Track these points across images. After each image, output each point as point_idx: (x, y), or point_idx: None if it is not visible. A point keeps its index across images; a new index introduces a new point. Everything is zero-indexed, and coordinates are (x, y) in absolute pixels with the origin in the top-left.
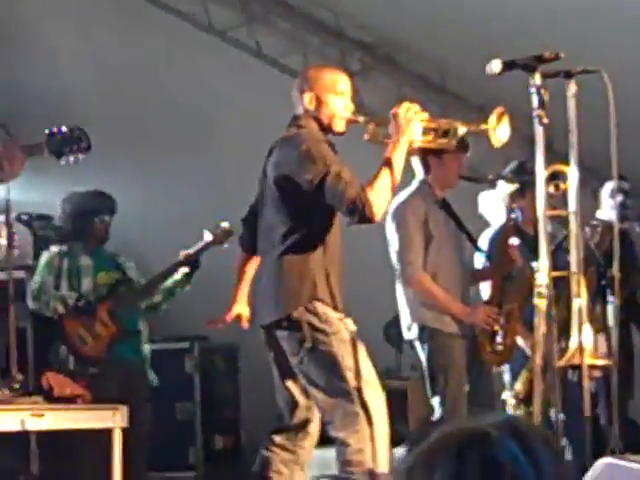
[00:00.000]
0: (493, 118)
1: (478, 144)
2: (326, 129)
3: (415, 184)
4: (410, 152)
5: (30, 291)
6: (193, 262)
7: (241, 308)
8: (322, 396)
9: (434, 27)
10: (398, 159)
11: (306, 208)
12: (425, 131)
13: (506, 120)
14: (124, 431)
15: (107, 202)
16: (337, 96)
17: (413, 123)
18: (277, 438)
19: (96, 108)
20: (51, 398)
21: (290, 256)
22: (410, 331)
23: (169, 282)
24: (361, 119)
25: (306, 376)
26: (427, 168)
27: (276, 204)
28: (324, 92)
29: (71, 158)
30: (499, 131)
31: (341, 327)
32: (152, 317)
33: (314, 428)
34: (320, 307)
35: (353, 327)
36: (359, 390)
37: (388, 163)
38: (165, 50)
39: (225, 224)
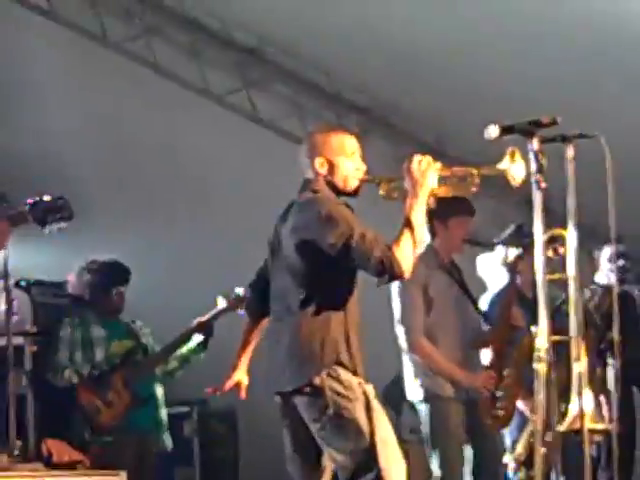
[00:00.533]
0: (507, 158)
1: (476, 208)
2: (340, 192)
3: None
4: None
5: (50, 368)
6: (207, 329)
7: (241, 375)
8: (344, 462)
9: (430, 90)
10: (419, 213)
11: (326, 272)
12: (441, 180)
13: (519, 158)
14: None
15: (123, 273)
16: (348, 158)
17: (428, 174)
18: None
19: (93, 174)
20: (51, 464)
21: (310, 321)
22: (412, 393)
23: (184, 350)
24: (375, 178)
25: (327, 442)
26: (433, 233)
27: (292, 269)
28: (334, 155)
29: (54, 227)
30: (515, 170)
31: (362, 393)
32: (167, 383)
33: None
34: (342, 373)
35: (373, 392)
36: (380, 457)
37: (409, 219)
38: (162, 114)
39: (239, 290)
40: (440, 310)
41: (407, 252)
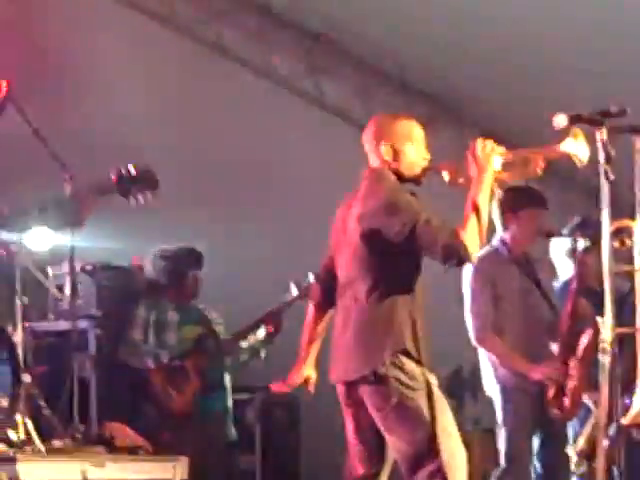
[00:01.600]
0: (570, 139)
1: None
2: (404, 179)
3: (493, 241)
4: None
5: (125, 344)
6: (276, 324)
7: (309, 371)
8: (406, 451)
9: (499, 78)
10: (484, 197)
11: (393, 260)
12: (506, 165)
13: (582, 139)
14: None
15: (198, 257)
16: (414, 145)
17: (492, 158)
18: None
19: (162, 158)
20: (113, 448)
21: (376, 309)
22: (491, 387)
23: (253, 341)
24: (439, 166)
25: (390, 431)
26: (505, 225)
27: (360, 257)
28: (401, 142)
29: (140, 197)
30: (579, 151)
31: (425, 382)
32: (238, 373)
33: None
34: (406, 362)
35: (436, 382)
36: (441, 447)
37: (475, 203)
38: (228, 97)
39: (311, 277)
40: (509, 304)
41: (473, 236)
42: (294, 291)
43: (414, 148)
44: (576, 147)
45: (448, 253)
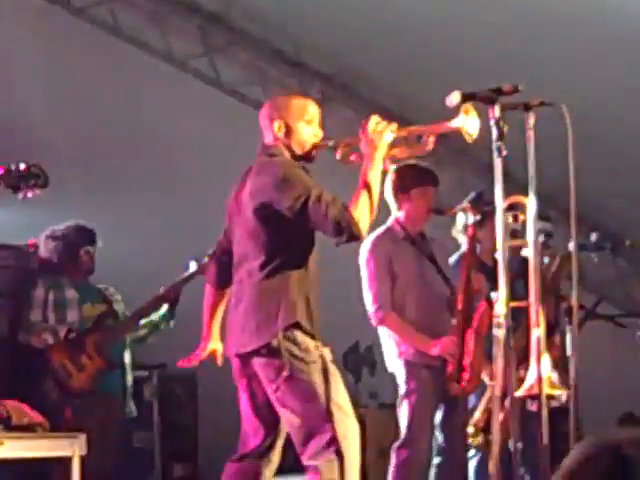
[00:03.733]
0: (461, 115)
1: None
2: (297, 156)
3: (388, 222)
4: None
5: (24, 327)
6: (173, 297)
7: (216, 344)
8: (297, 424)
9: (393, 57)
10: (375, 174)
11: (285, 234)
12: (397, 142)
13: (474, 113)
14: (88, 459)
15: (89, 234)
16: (306, 123)
17: (383, 135)
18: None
19: (59, 144)
20: (10, 426)
21: (269, 283)
22: (393, 363)
23: (154, 316)
24: (331, 143)
25: (282, 403)
26: (397, 205)
27: (253, 233)
28: (293, 120)
29: (29, 193)
30: (469, 125)
31: (319, 355)
32: (136, 348)
33: (276, 456)
34: (299, 335)
35: (330, 356)
36: (334, 420)
37: (366, 180)
38: (125, 79)
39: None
40: (406, 282)
41: (364, 213)
42: (193, 267)
43: (307, 126)
44: (466, 122)
45: (338, 229)
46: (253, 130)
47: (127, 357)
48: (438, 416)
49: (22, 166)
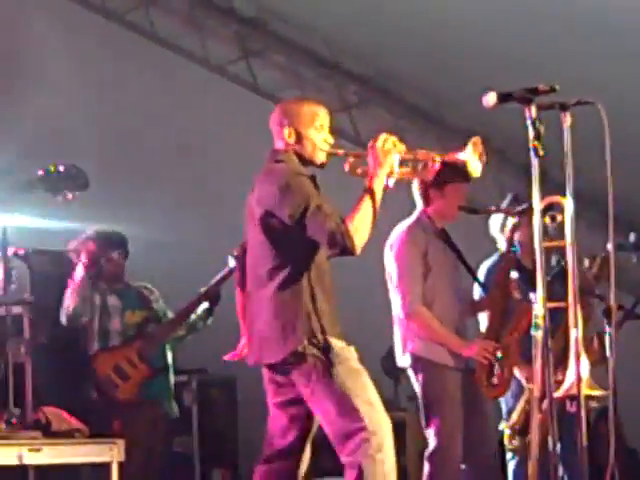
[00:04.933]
0: (469, 148)
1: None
2: (307, 163)
3: (415, 215)
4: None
5: (66, 311)
6: (214, 296)
7: None
8: (332, 425)
9: (430, 58)
10: (377, 192)
11: (290, 242)
12: (403, 163)
13: (481, 150)
14: (134, 465)
15: (112, 240)
16: (317, 130)
17: (390, 155)
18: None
19: (97, 143)
20: (49, 432)
21: (281, 292)
22: (403, 360)
23: (192, 317)
24: (340, 152)
25: (316, 406)
26: (427, 200)
27: (260, 240)
28: (304, 126)
29: (68, 195)
30: (474, 163)
31: (346, 356)
32: (176, 351)
33: (306, 458)
34: (322, 338)
35: (355, 354)
36: (366, 417)
37: (367, 196)
38: (162, 85)
39: None
40: (437, 277)
41: (361, 227)
42: (231, 263)
43: (318, 132)
44: (472, 157)
45: (332, 240)
46: None
47: (169, 357)
48: (466, 420)
49: (61, 167)
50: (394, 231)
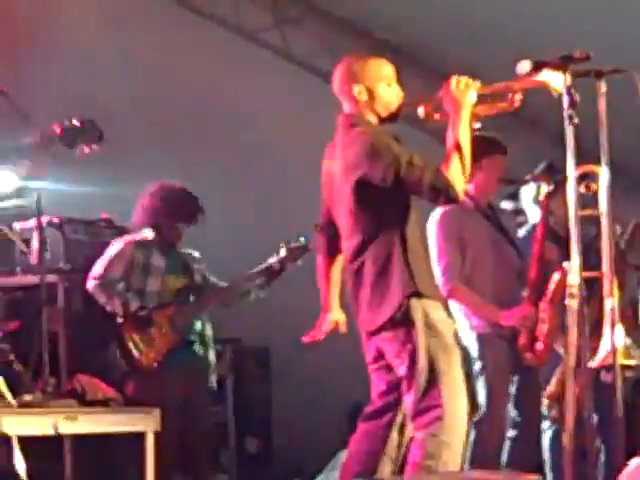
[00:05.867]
0: (545, 70)
1: (506, 145)
2: (382, 119)
3: None
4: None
5: (97, 274)
6: (276, 271)
7: (337, 315)
8: (412, 395)
9: (462, 29)
10: (463, 133)
11: (385, 207)
12: (481, 99)
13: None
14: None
15: (197, 209)
16: (387, 84)
17: (468, 94)
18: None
19: (130, 110)
20: (84, 401)
21: (377, 260)
22: (465, 336)
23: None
24: (415, 101)
25: (404, 375)
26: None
27: (352, 211)
28: (373, 82)
29: (85, 149)
30: (555, 80)
31: (443, 331)
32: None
33: (400, 419)
34: (422, 308)
35: (453, 328)
36: (445, 396)
37: (456, 140)
38: (194, 50)
39: (302, 239)
40: (477, 253)
41: (458, 174)
42: (282, 252)
43: (387, 86)
44: (551, 76)
45: (435, 193)
46: (323, 101)
47: (208, 330)
48: (512, 389)
49: (77, 122)
50: (431, 215)
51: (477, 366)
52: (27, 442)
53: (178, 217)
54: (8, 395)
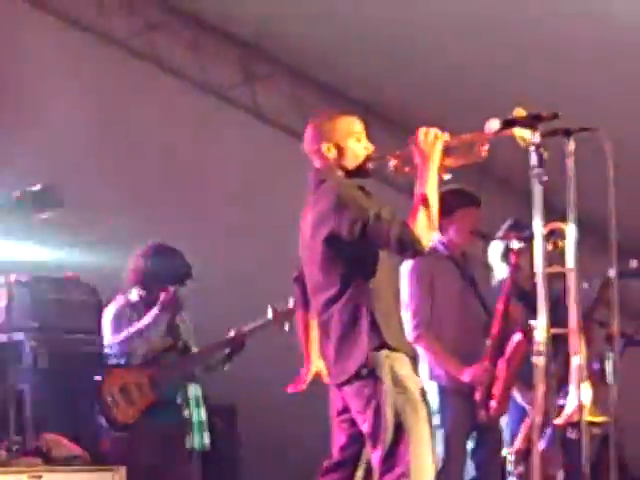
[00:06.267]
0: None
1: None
2: (352, 174)
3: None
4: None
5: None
6: (239, 344)
7: (318, 364)
8: (378, 453)
9: (434, 87)
10: (431, 185)
11: (354, 261)
12: (450, 151)
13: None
14: None
15: (185, 271)
16: (356, 140)
17: (436, 145)
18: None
19: (98, 171)
20: (50, 459)
21: (346, 313)
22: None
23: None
24: (385, 156)
25: (369, 433)
26: (441, 227)
27: (322, 265)
28: (342, 139)
29: (44, 215)
30: (522, 131)
31: (410, 387)
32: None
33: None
34: (389, 364)
35: (420, 383)
36: (415, 454)
37: (423, 193)
38: (162, 110)
39: (291, 301)
40: (446, 302)
41: (424, 227)
42: (270, 314)
43: (356, 142)
44: (519, 128)
45: (401, 246)
46: (293, 159)
47: (191, 391)
48: (469, 445)
49: (37, 187)
50: (405, 261)
51: (435, 420)
52: None
53: (166, 279)
54: None
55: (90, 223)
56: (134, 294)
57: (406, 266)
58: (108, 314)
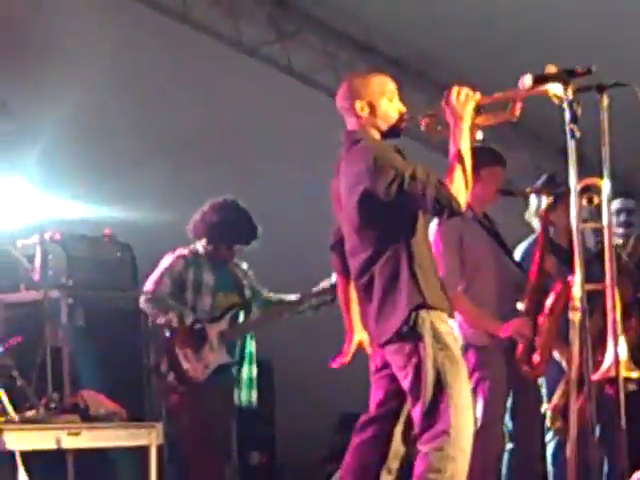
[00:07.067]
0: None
1: (509, 158)
2: (385, 134)
3: None
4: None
5: (147, 290)
6: (330, 295)
7: (360, 335)
8: (419, 410)
9: (466, 42)
10: (464, 144)
11: (391, 221)
12: (482, 109)
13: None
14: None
15: (253, 234)
16: (388, 99)
17: (468, 105)
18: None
19: (127, 130)
20: (87, 416)
21: (386, 275)
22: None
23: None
24: (417, 116)
25: (410, 389)
26: None
27: (358, 227)
28: (375, 97)
29: None
30: (555, 88)
31: (451, 344)
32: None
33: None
34: (430, 321)
35: (461, 342)
36: (452, 411)
37: (457, 153)
38: (196, 67)
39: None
40: (475, 261)
41: (460, 186)
42: (333, 278)
43: (389, 101)
44: (552, 85)
45: (438, 206)
46: (325, 115)
47: (252, 346)
48: (509, 401)
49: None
50: (430, 224)
51: (474, 378)
52: (30, 457)
53: (233, 238)
54: (11, 410)
55: (121, 178)
56: (199, 246)
57: (432, 229)
58: (160, 265)
